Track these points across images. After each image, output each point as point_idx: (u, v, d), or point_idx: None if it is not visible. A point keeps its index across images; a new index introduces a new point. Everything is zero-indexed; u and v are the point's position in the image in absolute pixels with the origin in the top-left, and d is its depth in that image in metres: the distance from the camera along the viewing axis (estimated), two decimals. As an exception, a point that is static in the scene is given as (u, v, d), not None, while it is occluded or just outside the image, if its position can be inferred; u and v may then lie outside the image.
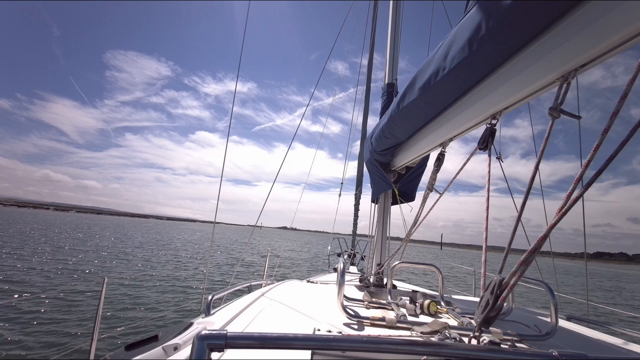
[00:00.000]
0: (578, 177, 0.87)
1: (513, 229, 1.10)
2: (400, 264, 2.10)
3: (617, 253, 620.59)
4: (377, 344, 0.67)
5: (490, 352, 0.70)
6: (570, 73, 0.96)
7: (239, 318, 1.52)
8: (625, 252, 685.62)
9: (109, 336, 4.72)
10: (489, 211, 1.23)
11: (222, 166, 3.09)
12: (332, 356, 1.03)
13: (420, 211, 1.97)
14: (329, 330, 1.30)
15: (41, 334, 4.98)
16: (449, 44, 1.37)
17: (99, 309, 2.46)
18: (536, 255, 0.94)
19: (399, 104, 1.91)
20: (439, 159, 1.90)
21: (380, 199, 2.94)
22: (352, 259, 5.82)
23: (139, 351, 1.20)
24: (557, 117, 1.01)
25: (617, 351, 1.46)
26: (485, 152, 1.37)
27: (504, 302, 0.99)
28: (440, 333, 1.19)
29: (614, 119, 0.84)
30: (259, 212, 3.95)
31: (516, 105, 1.26)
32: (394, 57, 3.31)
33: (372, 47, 6.39)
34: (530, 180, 1.07)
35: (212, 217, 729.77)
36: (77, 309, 6.18)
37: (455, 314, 1.68)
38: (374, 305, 1.76)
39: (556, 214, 0.90)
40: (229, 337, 0.60)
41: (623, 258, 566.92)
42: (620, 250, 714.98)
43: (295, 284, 2.50)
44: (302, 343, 0.64)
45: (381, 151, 2.56)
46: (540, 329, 1.55)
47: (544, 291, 1.56)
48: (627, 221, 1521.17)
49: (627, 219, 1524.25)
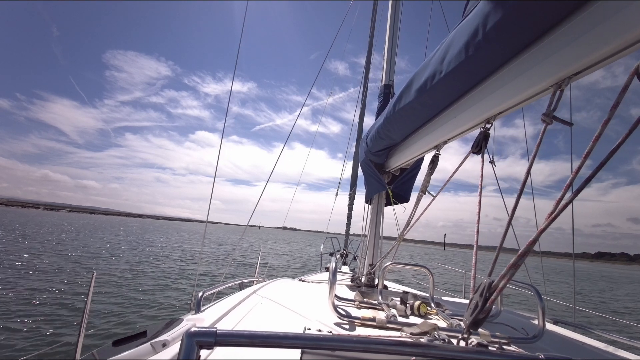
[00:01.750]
0: (568, 183, 0.89)
1: (504, 231, 1.12)
2: (391, 264, 2.11)
3: (619, 253, 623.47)
4: (366, 344, 0.67)
5: (478, 354, 0.71)
6: (563, 81, 0.98)
7: (229, 315, 1.51)
8: (627, 252, 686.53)
9: (95, 332, 4.66)
10: (480, 214, 1.25)
11: (220, 165, 3.06)
12: (322, 356, 1.03)
13: (413, 213, 1.99)
14: (320, 330, 1.30)
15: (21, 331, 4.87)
16: (446, 47, 1.38)
17: (87, 304, 2.43)
18: (525, 259, 0.95)
19: (395, 106, 1.92)
20: (433, 161, 1.92)
21: (374, 199, 2.95)
22: (345, 259, 5.84)
23: (126, 347, 1.19)
24: (549, 123, 1.02)
25: (602, 355, 1.49)
26: (479, 155, 1.38)
27: (493, 305, 1.00)
28: (429, 334, 1.20)
29: (605, 126, 0.85)
30: (259, 212, 3.93)
31: (510, 110, 1.27)
32: (392, 58, 3.32)
33: (371, 47, 6.40)
34: (522, 184, 1.08)
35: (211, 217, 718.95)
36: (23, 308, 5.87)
37: (444, 315, 1.70)
38: (365, 305, 1.77)
39: (546, 219, 0.91)
40: (218, 334, 0.60)
41: (625, 258, 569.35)
42: (622, 251, 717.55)
43: (286, 282, 2.50)
44: (292, 342, 0.64)
45: (376, 152, 2.57)
46: (527, 331, 1.57)
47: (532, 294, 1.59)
48: (627, 221, 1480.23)
49: (627, 219, 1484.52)
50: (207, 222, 3.43)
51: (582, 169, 0.88)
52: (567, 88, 1.00)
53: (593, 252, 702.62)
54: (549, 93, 1.05)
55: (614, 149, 0.82)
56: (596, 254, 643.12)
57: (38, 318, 5.37)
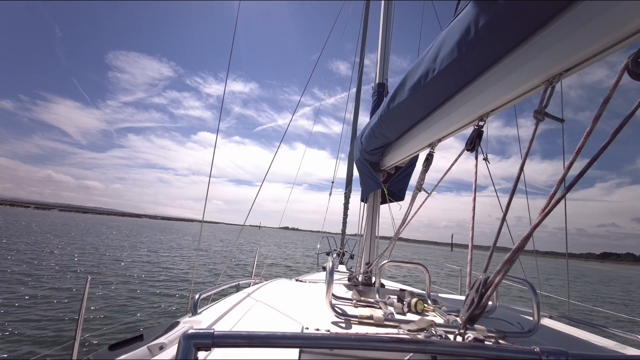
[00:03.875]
0: (560, 179, 0.90)
1: (498, 228, 1.13)
2: (388, 263, 2.12)
3: (625, 254, 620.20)
4: (364, 342, 0.67)
5: (474, 349, 0.72)
6: (554, 77, 0.99)
7: (227, 317, 1.50)
8: (632, 252, 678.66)
9: (91, 336, 4.60)
10: (475, 210, 1.26)
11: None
12: (320, 354, 1.04)
13: (408, 211, 2.00)
14: (317, 329, 1.30)
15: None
16: (438, 46, 1.39)
17: (82, 308, 2.40)
18: (520, 254, 0.96)
19: (389, 104, 1.92)
20: (427, 159, 1.93)
21: (369, 198, 2.96)
22: (341, 258, 5.84)
23: (123, 351, 1.18)
24: (541, 119, 1.03)
25: (596, 348, 1.52)
26: (473, 153, 1.39)
27: (489, 300, 1.01)
28: (426, 331, 1.21)
29: (596, 122, 0.86)
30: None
31: (503, 107, 1.28)
32: (385, 57, 3.33)
33: (363, 47, 6.42)
34: (515, 181, 1.09)
35: (213, 217, 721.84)
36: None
37: (441, 312, 1.71)
38: (362, 303, 1.77)
39: (539, 214, 0.93)
40: (215, 336, 0.59)
41: (630, 258, 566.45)
42: (627, 251, 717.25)
43: (283, 282, 2.50)
44: (289, 341, 0.64)
45: (371, 150, 2.57)
46: (523, 326, 1.58)
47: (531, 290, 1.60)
48: (632, 221, 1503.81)
49: (632, 219, 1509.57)
50: (203, 222, 3.40)
51: (571, 166, 0.89)
52: (558, 85, 1.02)
53: (598, 252, 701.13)
54: (540, 90, 1.06)
55: (605, 144, 0.83)
56: (602, 255, 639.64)
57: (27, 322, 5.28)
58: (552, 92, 1.02)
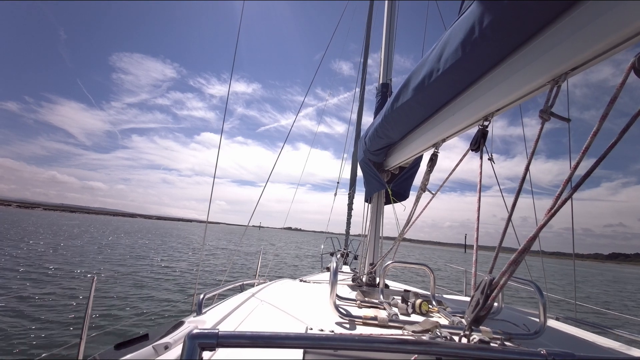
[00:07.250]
0: (567, 179, 0.89)
1: (504, 228, 1.12)
2: (392, 263, 2.11)
3: (633, 254, 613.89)
4: (368, 343, 0.67)
5: (480, 351, 0.71)
6: (560, 77, 0.98)
7: (231, 317, 1.51)
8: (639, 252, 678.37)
9: (97, 335, 4.64)
10: (479, 211, 1.25)
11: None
12: (324, 355, 1.03)
13: (413, 211, 1.99)
14: (321, 330, 1.30)
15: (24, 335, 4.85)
16: (442, 46, 1.39)
17: (88, 307, 2.43)
18: (525, 255, 0.96)
19: (393, 104, 1.92)
20: (432, 159, 1.92)
21: (373, 198, 2.95)
22: (345, 259, 5.83)
23: (128, 350, 1.19)
24: (547, 119, 1.02)
25: (604, 350, 1.49)
26: (478, 153, 1.38)
27: (494, 302, 1.00)
28: (431, 332, 1.20)
29: (603, 121, 0.85)
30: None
31: (508, 107, 1.27)
32: (389, 57, 3.32)
33: (367, 47, 6.41)
34: (520, 181, 1.08)
35: (216, 218, 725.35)
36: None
37: (446, 313, 1.70)
38: (367, 304, 1.77)
39: (545, 215, 0.92)
40: (220, 336, 0.60)
41: (639, 259, 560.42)
42: (635, 251, 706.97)
43: (287, 283, 2.50)
44: (294, 342, 0.64)
45: (375, 151, 2.57)
46: (529, 328, 1.57)
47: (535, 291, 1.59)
48: (639, 221, 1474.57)
49: (639, 218, 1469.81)
50: (208, 223, 3.41)
51: (578, 165, 0.88)
52: (564, 84, 1.01)
53: (606, 252, 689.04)
54: (546, 89, 1.05)
55: (612, 144, 0.82)
56: (610, 255, 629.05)
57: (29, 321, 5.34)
58: (558, 91, 1.01)
